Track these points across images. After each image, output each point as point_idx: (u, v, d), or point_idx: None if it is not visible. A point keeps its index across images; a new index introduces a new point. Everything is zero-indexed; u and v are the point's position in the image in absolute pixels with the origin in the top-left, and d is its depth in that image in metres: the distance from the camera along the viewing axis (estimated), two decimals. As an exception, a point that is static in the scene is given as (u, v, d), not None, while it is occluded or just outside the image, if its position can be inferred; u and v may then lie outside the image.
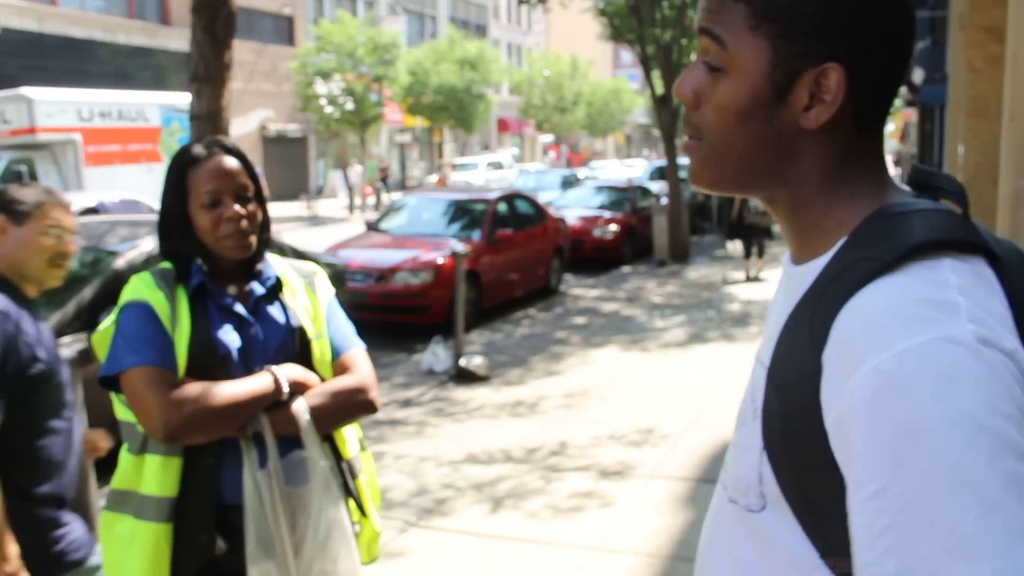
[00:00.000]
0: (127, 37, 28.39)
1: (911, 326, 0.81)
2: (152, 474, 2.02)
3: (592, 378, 7.86)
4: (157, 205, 2.23)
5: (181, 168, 2.11)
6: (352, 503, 2.24)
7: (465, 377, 7.95)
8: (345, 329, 2.29)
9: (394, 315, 10.50)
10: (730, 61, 0.97)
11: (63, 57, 25.87)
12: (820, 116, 0.94)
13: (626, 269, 15.27)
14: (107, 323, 2.15)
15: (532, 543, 4.48)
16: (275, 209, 23.99)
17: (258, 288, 2.18)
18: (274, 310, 2.18)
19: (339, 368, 2.21)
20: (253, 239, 2.13)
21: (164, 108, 18.77)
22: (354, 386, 2.17)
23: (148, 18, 30.17)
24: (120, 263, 5.71)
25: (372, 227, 12.78)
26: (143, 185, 16.33)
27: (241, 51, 33.70)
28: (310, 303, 2.26)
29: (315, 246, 12.60)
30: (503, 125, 53.51)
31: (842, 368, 0.84)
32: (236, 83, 32.02)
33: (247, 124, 34.56)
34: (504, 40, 55.32)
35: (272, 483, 2.02)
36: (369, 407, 2.19)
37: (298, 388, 2.09)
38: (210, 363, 2.05)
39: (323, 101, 31.70)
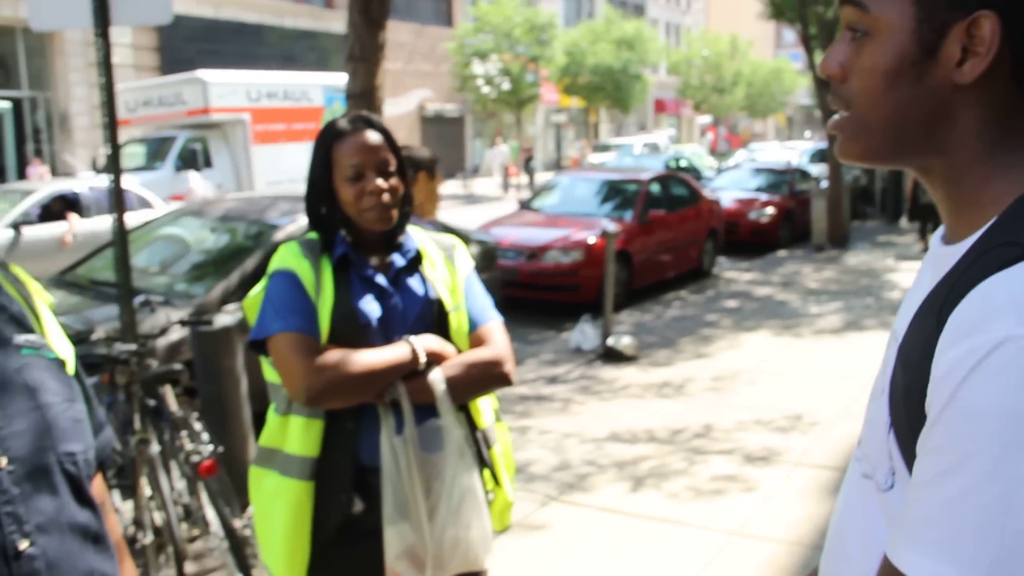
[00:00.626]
0: (294, 20, 29.46)
1: (1020, 317, 0.77)
2: (296, 434, 2.12)
3: (741, 362, 7.71)
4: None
5: (327, 143, 2.19)
6: (486, 472, 2.29)
7: (612, 356, 7.94)
8: (483, 302, 2.33)
9: (544, 293, 10.58)
10: (873, 23, 0.94)
11: (235, 41, 27.11)
12: (975, 68, 0.89)
13: (782, 253, 14.88)
14: (257, 290, 2.26)
15: (671, 523, 4.45)
16: (489, 184, 24.45)
17: (399, 260, 2.24)
18: (414, 282, 2.24)
19: (476, 340, 2.25)
20: (394, 212, 2.19)
21: (326, 88, 19.40)
22: (490, 358, 2.20)
23: (313, 2, 31.23)
24: (280, 236, 5.97)
25: (525, 206, 12.90)
26: (305, 162, 16.96)
27: (400, 32, 34.54)
28: (449, 276, 2.30)
29: (469, 224, 12.85)
30: (660, 106, 52.87)
31: (947, 344, 0.82)
32: (395, 64, 32.86)
33: (406, 104, 35.36)
34: (662, 19, 54.51)
35: (408, 449, 2.08)
36: (504, 379, 2.22)
37: (435, 358, 2.14)
38: (351, 331, 2.12)
39: (480, 81, 32.10)
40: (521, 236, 10.94)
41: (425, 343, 2.14)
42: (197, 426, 3.99)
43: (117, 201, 4.38)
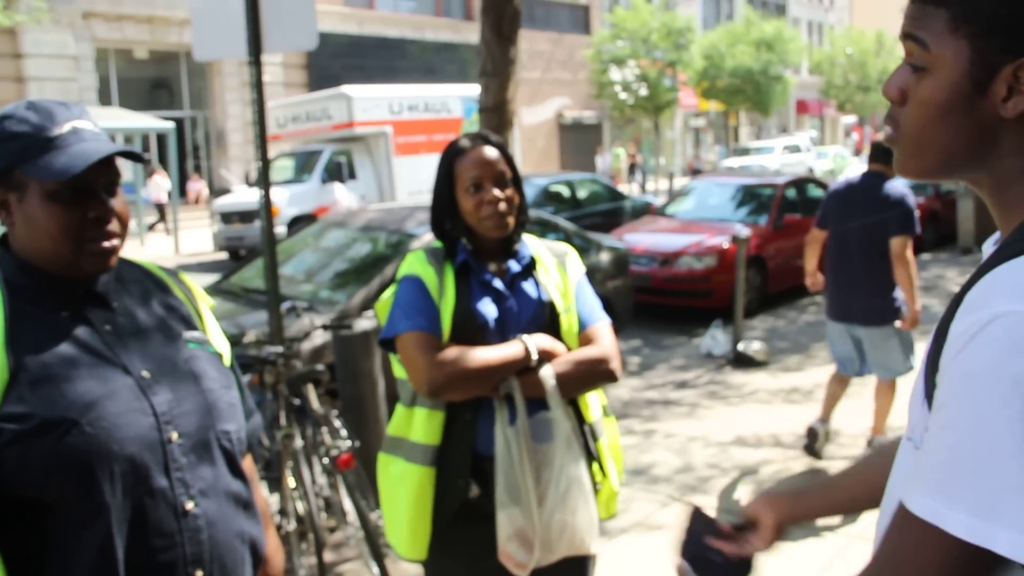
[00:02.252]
0: (434, 34, 30.30)
1: (1013, 295, 0.93)
2: (420, 424, 2.33)
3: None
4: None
5: (449, 159, 2.41)
6: (595, 463, 2.45)
7: (743, 361, 7.94)
8: (592, 304, 2.49)
9: (677, 299, 10.61)
10: (932, 61, 1.08)
11: (378, 56, 28.07)
12: (1018, 106, 1.03)
13: (926, 256, 14.40)
14: (387, 294, 2.50)
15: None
16: None
17: (514, 266, 2.43)
18: (528, 285, 2.43)
19: (584, 339, 2.42)
20: (510, 220, 2.39)
21: (465, 100, 19.86)
22: (597, 356, 2.37)
23: (453, 15, 32.01)
24: (417, 245, 6.27)
25: (658, 211, 12.94)
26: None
27: (538, 42, 34.95)
28: (561, 280, 2.48)
29: (601, 230, 12.97)
30: (802, 107, 51.67)
31: (958, 319, 0.99)
32: (533, 73, 33.24)
33: (544, 112, 35.76)
34: (804, 18, 53.28)
35: (520, 439, 2.27)
36: (609, 376, 2.38)
37: (546, 356, 2.32)
38: (470, 331, 2.33)
39: (617, 88, 32.14)
40: (654, 242, 10.99)
41: (537, 342, 2.32)
42: (336, 423, 4.28)
43: (266, 213, 4.74)
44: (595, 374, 2.37)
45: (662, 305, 10.55)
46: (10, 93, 21.27)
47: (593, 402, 2.49)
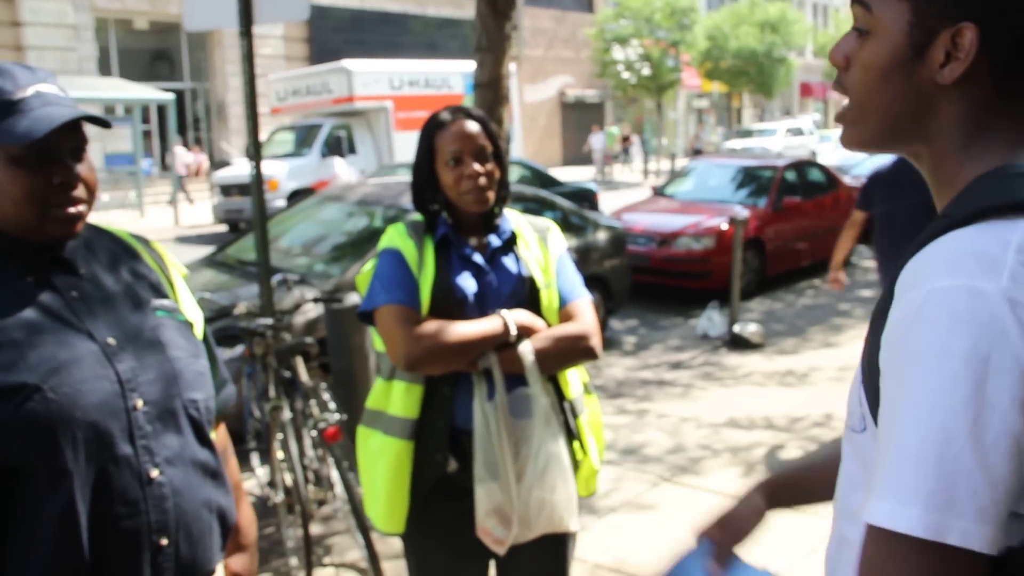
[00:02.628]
0: (436, 9, 30.14)
1: (948, 270, 0.90)
2: (398, 398, 2.32)
3: (871, 351, 7.57)
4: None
5: (430, 132, 2.39)
6: (575, 441, 2.44)
7: (738, 344, 7.93)
8: (573, 280, 2.47)
9: (675, 279, 10.59)
10: (875, 23, 1.06)
11: (380, 31, 27.95)
12: (953, 72, 1.01)
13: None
14: (368, 266, 2.47)
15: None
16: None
17: (495, 240, 2.41)
18: (508, 261, 2.41)
19: (565, 316, 2.39)
20: (490, 194, 2.36)
21: (466, 76, 19.73)
22: (576, 333, 2.35)
23: (456, -9, 31.80)
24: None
25: (658, 192, 12.90)
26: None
27: (542, 19, 34.78)
28: (542, 255, 2.46)
29: (603, 209, 12.94)
30: (806, 90, 51.43)
31: (894, 303, 0.95)
32: (536, 50, 33.10)
33: (546, 90, 35.62)
34: (809, 0, 52.95)
35: (498, 414, 2.25)
36: (589, 352, 2.36)
37: (525, 331, 2.30)
38: (449, 305, 2.31)
39: (620, 67, 31.98)
40: (653, 222, 10.96)
41: (516, 317, 2.30)
42: (325, 396, 4.27)
43: (257, 187, 4.71)
44: (575, 351, 2.35)
45: (660, 285, 10.54)
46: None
47: (573, 379, 2.47)
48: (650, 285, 10.50)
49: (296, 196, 15.47)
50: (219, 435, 1.92)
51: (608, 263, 8.52)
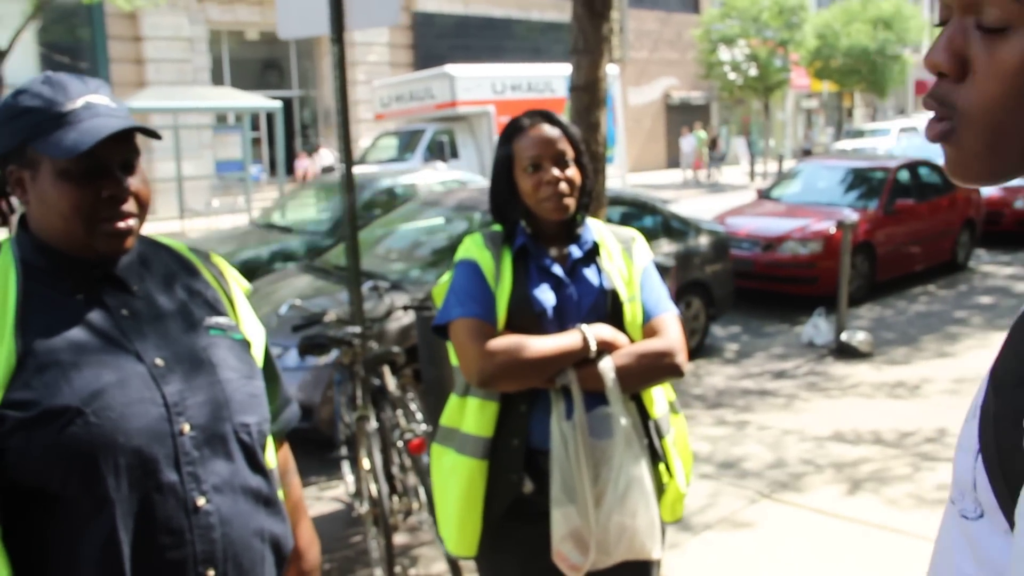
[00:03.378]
0: (540, 14, 30.07)
1: None
2: (472, 415, 2.22)
3: (989, 364, 7.15)
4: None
5: (508, 137, 2.28)
6: (660, 463, 2.30)
7: (846, 352, 7.62)
8: (658, 294, 2.33)
9: (780, 284, 10.27)
10: (1018, 14, 0.79)
11: (484, 36, 28.05)
12: None
13: (1052, 245, 13.65)
14: (445, 278, 2.39)
15: (888, 531, 4.24)
16: (676, 176, 24.17)
17: (576, 251, 2.29)
18: (590, 272, 2.29)
19: (649, 331, 2.26)
20: (570, 201, 2.25)
21: (569, 79, 19.65)
22: (661, 349, 2.22)
23: (559, -6, 31.72)
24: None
25: (764, 195, 12.56)
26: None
27: (646, 21, 34.42)
28: (626, 267, 2.33)
29: (708, 213, 12.68)
30: (921, 87, 49.56)
31: None
32: (640, 52, 32.78)
33: (651, 92, 35.24)
34: (927, -6, 51.11)
35: (576, 434, 2.14)
36: (674, 370, 2.22)
37: (606, 347, 2.18)
38: (526, 318, 2.20)
39: (726, 68, 31.37)
40: (758, 226, 10.66)
41: (597, 332, 2.18)
42: (413, 406, 4.22)
43: (348, 193, 4.69)
44: (658, 368, 2.21)
45: (764, 291, 10.24)
46: (130, 74, 22.01)
47: (658, 397, 2.33)
48: (754, 291, 10.22)
49: (398, 201, 15.60)
50: (281, 455, 1.86)
51: (710, 268, 8.30)
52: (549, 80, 19.73)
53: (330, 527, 4.60)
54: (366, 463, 4.06)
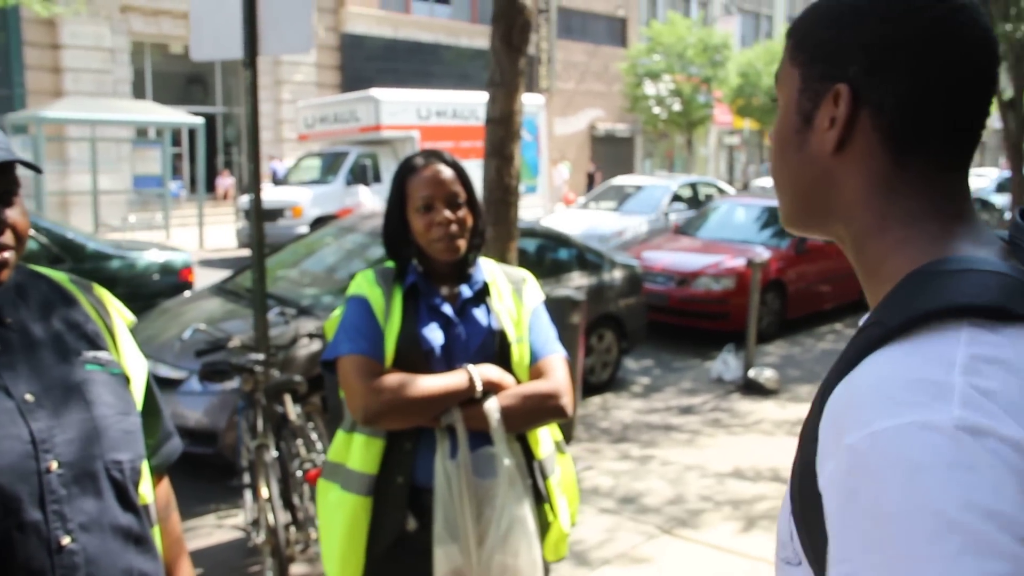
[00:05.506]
0: (469, 40, 30.24)
1: (889, 408, 0.76)
2: (358, 451, 2.23)
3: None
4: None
5: (402, 176, 2.31)
6: (545, 503, 2.33)
7: (752, 389, 7.77)
8: (546, 335, 2.37)
9: (693, 320, 10.45)
10: (778, 96, 1.02)
11: (413, 60, 28.10)
12: (832, 138, 0.93)
13: (954, 287, 14.09)
14: (337, 312, 2.39)
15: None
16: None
17: (466, 291, 2.32)
18: (479, 312, 2.32)
19: (536, 372, 2.30)
20: (461, 243, 2.27)
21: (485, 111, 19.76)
22: (546, 391, 2.25)
23: (489, 21, 31.93)
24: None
25: (680, 230, 12.78)
26: (475, 180, 17.36)
27: (574, 52, 34.86)
28: (515, 308, 2.36)
29: (621, 248, 12.82)
30: (840, 128, 51.13)
31: (828, 440, 0.81)
32: (567, 83, 33.12)
33: (577, 123, 35.63)
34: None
35: (460, 473, 2.16)
36: (559, 412, 2.26)
37: (492, 388, 2.21)
38: (414, 357, 2.22)
39: (651, 102, 31.93)
40: (672, 261, 10.84)
41: (483, 372, 2.21)
42: (314, 435, 4.19)
43: (256, 217, 4.66)
44: (543, 410, 2.25)
45: (678, 326, 10.40)
46: (46, 83, 21.48)
47: (544, 437, 2.37)
48: (668, 325, 10.38)
49: (319, 223, 15.49)
50: (161, 489, 1.83)
51: (623, 302, 8.41)
52: (475, 108, 19.82)
53: (228, 556, 4.52)
54: (265, 492, 4.01)
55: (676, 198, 16.43)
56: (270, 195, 17.16)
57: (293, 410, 4.14)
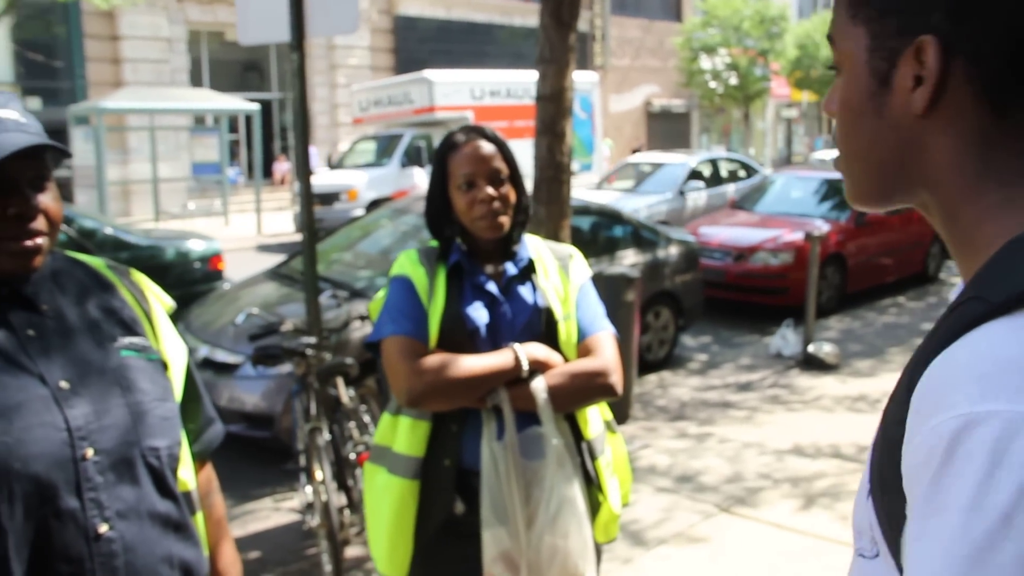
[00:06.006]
0: (523, 19, 30.05)
1: (983, 390, 0.69)
2: (404, 434, 2.20)
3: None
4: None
5: (443, 154, 2.26)
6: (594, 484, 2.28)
7: (812, 364, 7.63)
8: (594, 312, 2.32)
9: (751, 295, 10.30)
10: (840, 59, 0.92)
11: (466, 41, 28.05)
12: (923, 96, 0.83)
13: (1022, 257, 13.67)
14: (381, 294, 2.36)
15: (839, 544, 4.24)
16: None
17: (511, 268, 2.27)
18: (524, 290, 2.27)
19: (583, 350, 2.24)
20: (504, 219, 2.22)
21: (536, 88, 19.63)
22: (595, 369, 2.20)
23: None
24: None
25: (737, 204, 12.59)
26: (528, 159, 17.33)
27: (628, 28, 34.51)
28: (562, 285, 2.31)
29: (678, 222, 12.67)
30: (902, 98, 49.95)
31: (916, 420, 0.74)
32: (622, 60, 32.82)
33: (632, 100, 35.31)
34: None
35: (507, 454, 2.12)
36: (608, 391, 2.20)
37: (539, 367, 2.16)
38: (459, 337, 2.18)
39: (707, 76, 31.51)
40: (729, 236, 10.68)
41: (530, 351, 2.16)
42: (367, 418, 4.19)
43: (306, 201, 4.66)
44: (592, 388, 2.19)
45: (736, 301, 10.26)
46: (106, 74, 21.87)
47: (593, 417, 2.32)
48: (726, 301, 10.24)
49: (375, 206, 15.56)
50: (203, 476, 1.82)
51: (680, 278, 8.31)
52: (528, 87, 19.68)
53: (285, 539, 4.56)
54: (319, 475, 4.02)
55: (695, 175, 15.35)
56: (326, 179, 17.28)
57: (345, 393, 4.14)
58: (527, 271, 2.29)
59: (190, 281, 8.48)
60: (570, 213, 5.82)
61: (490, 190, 2.19)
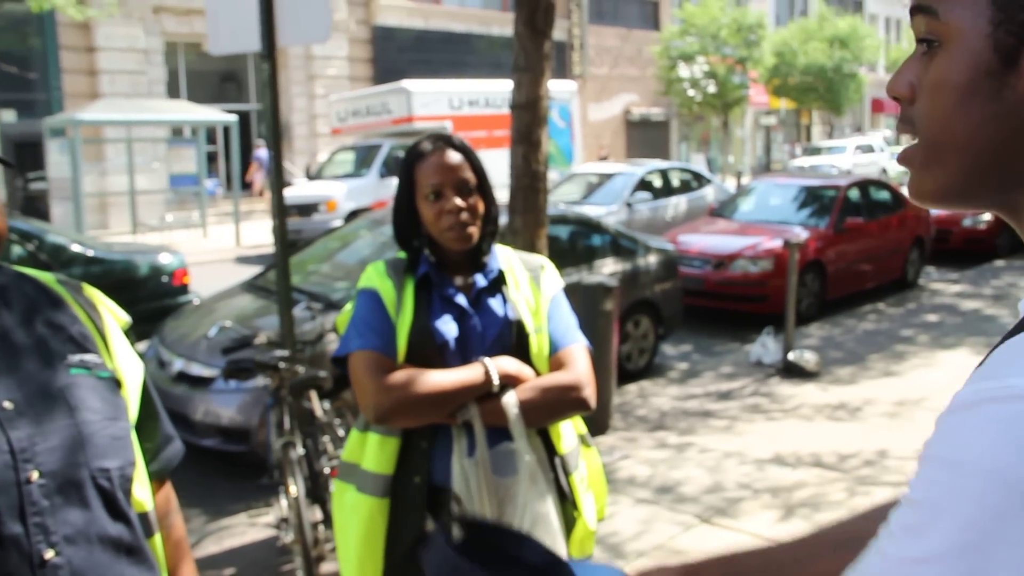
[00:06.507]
0: (501, 29, 30.02)
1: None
2: (372, 451, 2.15)
3: (932, 383, 7.18)
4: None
5: (409, 163, 2.21)
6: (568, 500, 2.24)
7: (793, 372, 7.61)
8: (567, 324, 2.27)
9: (731, 303, 10.31)
10: (945, 31, 0.80)
11: (445, 51, 28.01)
12: None
13: (999, 263, 13.75)
14: (348, 307, 2.31)
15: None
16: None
17: (480, 280, 2.23)
18: (495, 302, 2.22)
19: (556, 363, 2.20)
20: (473, 230, 2.18)
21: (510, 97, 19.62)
22: (567, 383, 2.15)
23: (521, 10, 31.75)
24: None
25: (716, 212, 12.60)
26: (505, 168, 17.27)
27: (607, 37, 34.59)
28: (533, 297, 2.27)
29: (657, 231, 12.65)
30: (877, 106, 50.25)
31: (970, 379, 0.73)
32: (601, 68, 32.87)
33: (611, 108, 35.37)
34: (881, 15, 51.76)
35: (479, 471, 2.07)
36: (581, 405, 2.16)
37: (510, 381, 2.11)
38: (427, 351, 2.13)
39: (686, 84, 31.59)
40: (709, 244, 10.69)
41: (500, 365, 2.12)
42: (342, 431, 4.13)
43: (279, 212, 4.60)
44: (564, 402, 2.15)
45: (716, 309, 10.25)
46: (83, 85, 21.69)
47: (567, 432, 2.27)
48: (706, 309, 10.23)
49: (354, 216, 15.49)
50: (161, 495, 1.76)
51: (659, 287, 8.28)
52: (507, 96, 19.64)
53: (261, 554, 4.48)
54: (292, 490, 3.96)
55: (644, 186, 14.62)
56: (304, 190, 17.20)
57: (320, 406, 4.08)
58: (497, 283, 2.25)
59: (154, 295, 8.36)
60: (547, 222, 5.78)
61: (458, 200, 2.15)
